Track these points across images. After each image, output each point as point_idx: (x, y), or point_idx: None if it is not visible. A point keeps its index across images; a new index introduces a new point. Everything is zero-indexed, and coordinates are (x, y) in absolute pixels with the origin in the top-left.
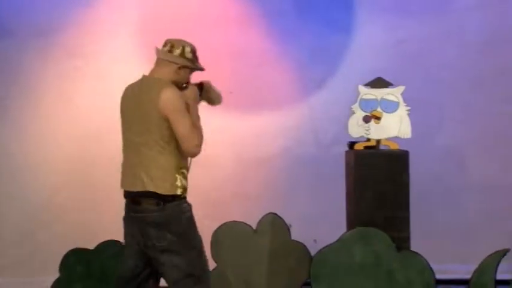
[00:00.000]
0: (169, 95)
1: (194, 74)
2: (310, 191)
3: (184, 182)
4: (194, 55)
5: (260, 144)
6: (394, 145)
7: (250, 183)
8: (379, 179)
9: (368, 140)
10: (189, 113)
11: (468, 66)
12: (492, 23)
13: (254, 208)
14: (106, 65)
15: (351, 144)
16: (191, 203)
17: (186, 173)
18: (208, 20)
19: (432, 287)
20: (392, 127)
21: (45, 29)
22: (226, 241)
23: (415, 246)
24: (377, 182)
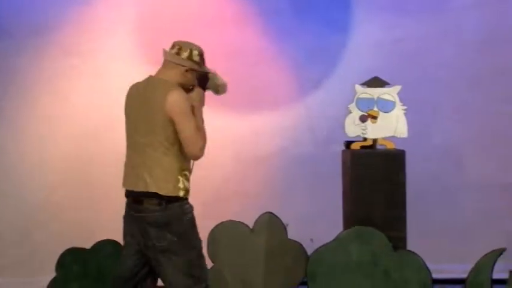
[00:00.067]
0: (175, 98)
1: None
2: (306, 191)
3: (186, 184)
4: (201, 58)
5: (257, 143)
6: (391, 144)
7: (246, 182)
8: (375, 179)
9: (365, 140)
10: (194, 116)
11: (465, 65)
12: (490, 22)
13: (251, 207)
14: (103, 64)
15: (348, 143)
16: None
17: (189, 175)
18: (204, 19)
19: (429, 287)
20: (388, 126)
21: (41, 28)
22: (223, 240)
23: (412, 245)
24: (373, 182)
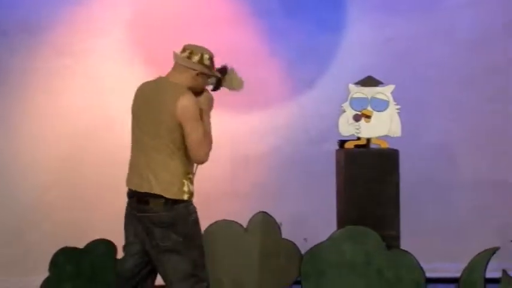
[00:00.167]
0: (186, 103)
1: None
2: (300, 190)
3: (191, 187)
4: (211, 62)
5: (250, 142)
6: (384, 144)
7: (240, 181)
8: (369, 178)
9: (358, 139)
10: (202, 120)
11: (458, 64)
12: (482, 21)
13: (245, 207)
14: (95, 64)
15: (341, 142)
16: None
17: (193, 178)
18: (197, 19)
19: (422, 286)
20: (382, 126)
21: (34, 27)
22: (217, 240)
23: (405, 244)
24: (367, 181)
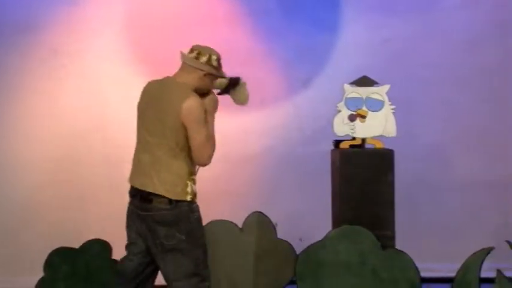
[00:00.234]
0: (192, 104)
1: None
2: (295, 190)
3: (194, 188)
4: (219, 63)
5: (246, 142)
6: (380, 144)
7: (235, 181)
8: (364, 178)
9: (353, 139)
10: (206, 122)
11: (453, 65)
12: (478, 22)
13: (240, 206)
14: (91, 64)
15: (337, 142)
16: None
17: (195, 179)
18: (193, 19)
19: (417, 286)
20: (377, 126)
21: (29, 27)
22: (212, 239)
23: (400, 244)
24: (362, 181)
